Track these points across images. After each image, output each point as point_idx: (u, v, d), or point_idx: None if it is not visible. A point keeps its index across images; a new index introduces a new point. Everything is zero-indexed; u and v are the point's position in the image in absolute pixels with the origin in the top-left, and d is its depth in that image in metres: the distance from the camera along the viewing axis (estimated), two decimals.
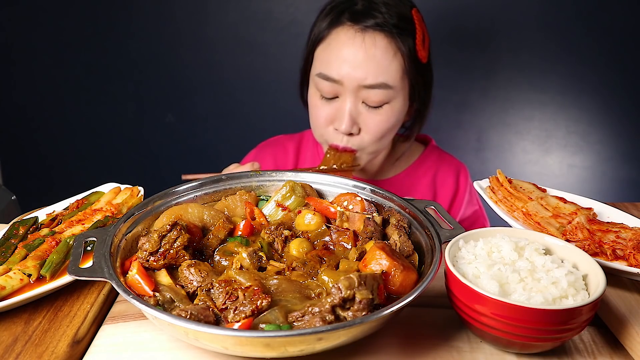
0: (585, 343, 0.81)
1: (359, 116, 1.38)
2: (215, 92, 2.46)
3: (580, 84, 2.23)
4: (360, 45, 1.33)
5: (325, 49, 1.39)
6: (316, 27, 1.44)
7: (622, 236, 0.96)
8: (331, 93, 1.38)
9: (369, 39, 1.33)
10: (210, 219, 0.97)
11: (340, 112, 1.38)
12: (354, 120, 1.37)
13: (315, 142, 1.67)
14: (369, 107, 1.37)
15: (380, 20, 1.34)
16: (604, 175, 2.36)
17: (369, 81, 1.33)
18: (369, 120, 1.38)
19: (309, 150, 1.68)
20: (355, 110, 1.37)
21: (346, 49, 1.34)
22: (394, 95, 1.37)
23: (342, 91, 1.37)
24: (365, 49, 1.33)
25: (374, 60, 1.33)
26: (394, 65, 1.35)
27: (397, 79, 1.36)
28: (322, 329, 0.66)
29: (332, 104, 1.40)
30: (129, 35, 2.39)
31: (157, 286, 0.81)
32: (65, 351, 0.77)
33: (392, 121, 1.40)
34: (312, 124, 1.50)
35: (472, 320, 0.75)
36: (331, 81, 1.36)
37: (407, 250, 0.90)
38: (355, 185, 1.06)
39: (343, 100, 1.37)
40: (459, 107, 2.34)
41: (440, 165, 1.66)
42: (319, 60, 1.41)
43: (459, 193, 1.64)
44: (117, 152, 2.62)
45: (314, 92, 1.43)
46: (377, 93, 1.34)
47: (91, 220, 1.03)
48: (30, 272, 0.88)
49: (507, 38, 2.21)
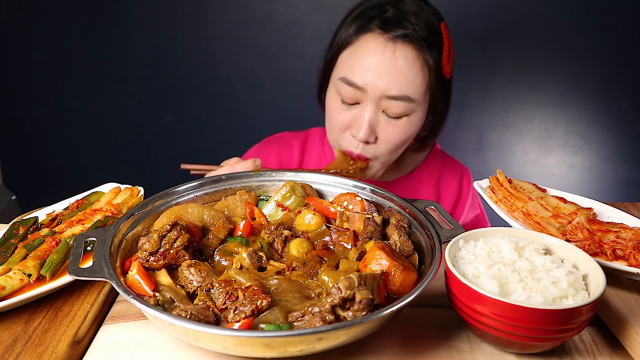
0: (585, 343, 0.81)
1: (378, 125, 1.37)
2: (215, 92, 2.46)
3: (580, 84, 2.24)
4: (389, 55, 1.31)
5: (352, 54, 1.37)
6: (343, 30, 1.41)
7: (622, 236, 0.96)
8: (352, 99, 1.36)
9: (398, 50, 1.32)
10: (210, 219, 0.97)
11: (360, 120, 1.37)
12: (372, 128, 1.36)
13: (321, 141, 1.66)
14: (388, 118, 1.36)
15: (410, 32, 1.32)
16: (604, 175, 2.36)
17: (392, 92, 1.32)
18: (387, 131, 1.37)
19: (315, 149, 1.66)
20: (374, 119, 1.36)
21: (373, 57, 1.32)
22: (414, 109, 1.36)
23: (364, 98, 1.35)
24: (395, 59, 1.31)
25: (400, 72, 1.31)
26: (419, 79, 1.33)
27: (421, 92, 1.35)
28: (322, 329, 0.66)
29: (352, 110, 1.38)
30: (129, 35, 2.39)
31: (157, 286, 0.81)
32: (65, 351, 0.77)
33: (409, 133, 1.40)
34: (328, 127, 1.48)
35: (472, 320, 0.75)
36: (354, 87, 1.34)
37: (407, 250, 0.90)
38: (355, 185, 1.06)
39: (363, 107, 1.36)
40: (459, 107, 2.33)
41: (444, 169, 1.65)
42: (343, 65, 1.39)
43: (461, 197, 1.64)
44: (117, 152, 2.62)
45: (334, 96, 1.41)
46: (399, 105, 1.33)
47: (91, 220, 1.03)
48: (30, 272, 0.88)
49: (507, 38, 2.21)
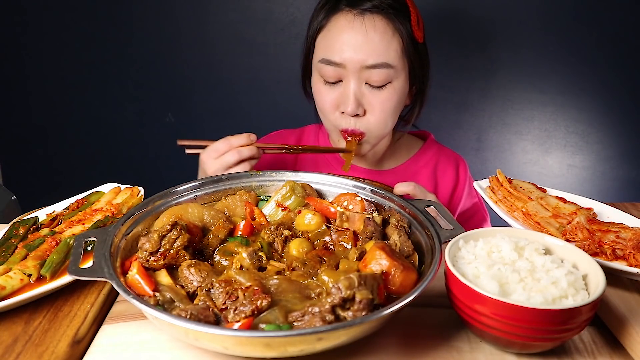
0: (585, 343, 0.81)
1: (363, 97, 1.41)
2: (215, 92, 2.45)
3: (580, 84, 2.23)
4: (359, 27, 1.37)
5: (326, 35, 1.43)
6: (314, 19, 1.48)
7: (622, 236, 0.96)
8: (334, 77, 1.41)
9: (368, 21, 1.38)
10: (210, 219, 0.97)
11: (345, 95, 1.41)
12: (358, 101, 1.40)
13: (316, 135, 1.71)
14: (372, 88, 1.40)
15: (377, 2, 1.39)
16: (604, 175, 2.35)
17: (370, 61, 1.36)
18: (373, 101, 1.41)
19: (310, 142, 1.71)
20: (359, 91, 1.40)
21: (346, 33, 1.38)
22: (395, 75, 1.40)
23: (345, 74, 1.40)
24: (365, 30, 1.37)
25: (373, 41, 1.37)
26: (393, 45, 1.39)
27: (397, 58, 1.40)
28: (322, 329, 0.66)
29: (336, 88, 1.43)
30: (129, 35, 2.39)
31: (157, 286, 0.81)
32: (65, 351, 0.77)
33: (395, 100, 1.43)
34: (320, 111, 1.52)
35: (472, 320, 0.75)
36: (334, 65, 1.39)
37: (407, 250, 0.90)
38: (355, 185, 1.06)
39: (346, 82, 1.40)
40: (459, 107, 2.33)
41: (440, 157, 1.69)
42: (320, 48, 1.44)
43: (459, 185, 1.67)
44: (117, 152, 2.61)
45: (318, 79, 1.46)
46: (379, 72, 1.38)
47: (91, 220, 1.03)
48: (30, 272, 0.88)
49: (507, 38, 2.21)
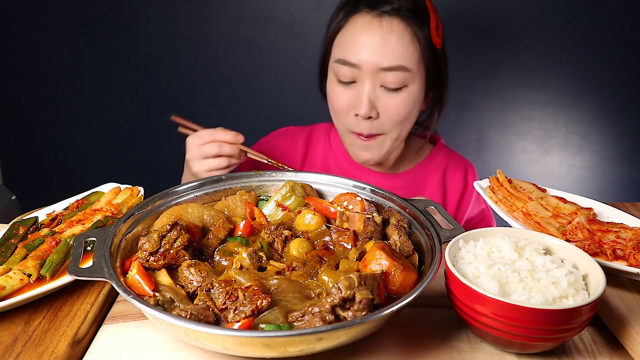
0: (585, 343, 0.81)
1: (377, 100, 1.40)
2: (215, 92, 2.45)
3: (580, 84, 2.23)
4: (377, 29, 1.37)
5: (344, 36, 1.43)
6: (334, 19, 1.47)
7: (622, 236, 0.96)
8: (349, 77, 1.40)
9: (386, 23, 1.37)
10: (210, 219, 0.97)
11: (359, 97, 1.40)
12: (372, 103, 1.39)
13: (327, 134, 1.68)
14: (387, 91, 1.39)
15: (397, 5, 1.38)
16: (604, 175, 2.35)
17: (386, 64, 1.36)
18: (388, 104, 1.40)
19: (320, 142, 1.69)
20: (373, 94, 1.39)
21: (364, 34, 1.37)
22: (411, 79, 1.39)
23: (360, 76, 1.39)
24: (384, 33, 1.36)
25: (391, 43, 1.36)
26: (410, 49, 1.38)
27: (414, 62, 1.39)
28: (322, 329, 0.66)
29: (351, 90, 1.42)
30: (129, 35, 2.39)
31: (157, 286, 0.81)
32: (65, 351, 0.77)
33: (409, 105, 1.42)
34: (333, 113, 1.51)
35: (472, 320, 0.75)
36: (349, 66, 1.39)
37: (407, 250, 0.90)
38: (355, 185, 1.06)
39: (361, 84, 1.40)
40: (459, 107, 2.33)
41: (449, 162, 1.68)
42: (337, 48, 1.44)
43: (467, 191, 1.66)
44: (117, 152, 2.61)
45: (333, 79, 1.46)
46: (395, 75, 1.37)
47: (91, 220, 1.03)
48: (30, 272, 0.88)
49: (507, 38, 2.21)
